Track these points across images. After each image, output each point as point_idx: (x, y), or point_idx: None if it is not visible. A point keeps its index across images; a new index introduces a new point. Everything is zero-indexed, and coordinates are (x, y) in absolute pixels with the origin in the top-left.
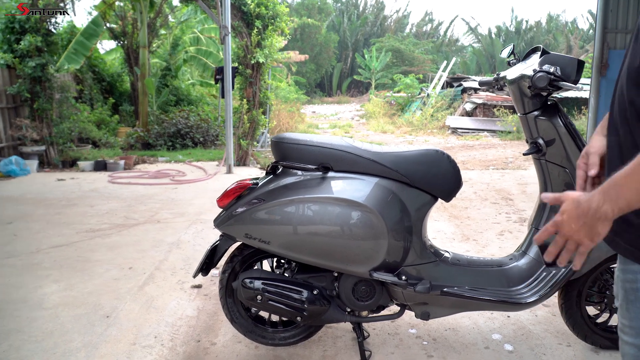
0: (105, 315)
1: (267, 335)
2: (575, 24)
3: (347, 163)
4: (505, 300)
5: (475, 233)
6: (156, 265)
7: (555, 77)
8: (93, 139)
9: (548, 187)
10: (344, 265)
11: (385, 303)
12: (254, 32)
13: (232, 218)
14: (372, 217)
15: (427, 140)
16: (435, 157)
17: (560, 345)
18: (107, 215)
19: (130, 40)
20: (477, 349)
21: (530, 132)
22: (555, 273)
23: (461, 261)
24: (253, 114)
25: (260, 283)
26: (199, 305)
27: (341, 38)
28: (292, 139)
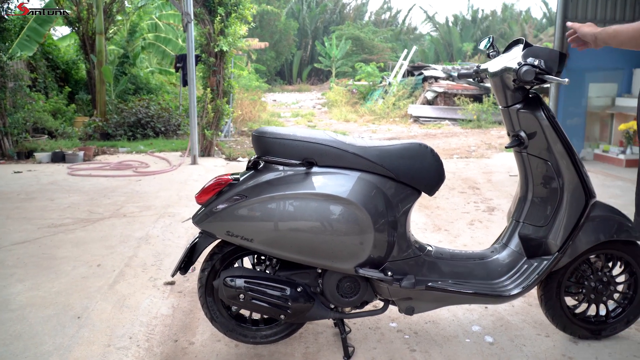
0: (76, 316)
1: (249, 333)
2: (529, 13)
3: (331, 158)
4: (489, 293)
5: (446, 223)
6: (126, 262)
7: (541, 71)
8: (49, 129)
9: (529, 180)
10: (329, 262)
11: (369, 299)
12: (217, 19)
13: (213, 215)
14: (357, 213)
15: (390, 129)
16: (419, 150)
17: (539, 336)
18: (69, 210)
19: (85, 26)
20: (459, 341)
21: (512, 125)
22: (537, 265)
23: (444, 255)
24: (217, 103)
25: (243, 281)
26: (173, 302)
27: (301, 25)
28: (274, 133)
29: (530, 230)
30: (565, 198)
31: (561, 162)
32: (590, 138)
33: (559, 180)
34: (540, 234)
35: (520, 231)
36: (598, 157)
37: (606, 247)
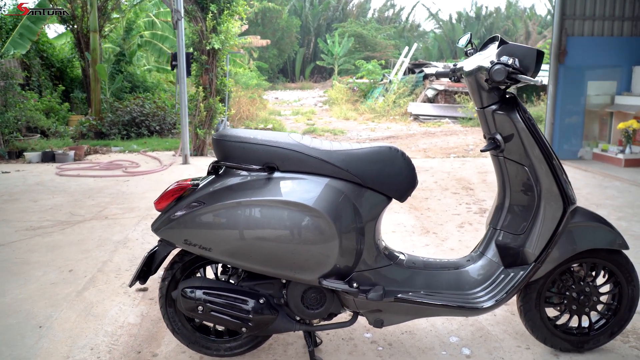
0: (38, 325)
1: (212, 346)
2: (533, 10)
3: (293, 162)
4: (462, 305)
5: (435, 225)
6: (99, 267)
7: (514, 70)
8: (42, 128)
9: (506, 186)
10: (291, 273)
11: (336, 311)
12: (209, 16)
13: (171, 222)
14: (320, 221)
15: (389, 127)
16: (389, 155)
17: (519, 348)
18: (50, 211)
19: (80, 24)
20: (434, 353)
21: (488, 128)
22: (513, 276)
23: (416, 264)
24: (210, 101)
25: (202, 292)
26: (143, 310)
27: (303, 23)
28: (234, 136)
29: (507, 238)
30: (543, 205)
31: (538, 167)
32: (589, 137)
33: (536, 186)
34: (518, 243)
35: (497, 239)
36: (597, 157)
37: (588, 256)
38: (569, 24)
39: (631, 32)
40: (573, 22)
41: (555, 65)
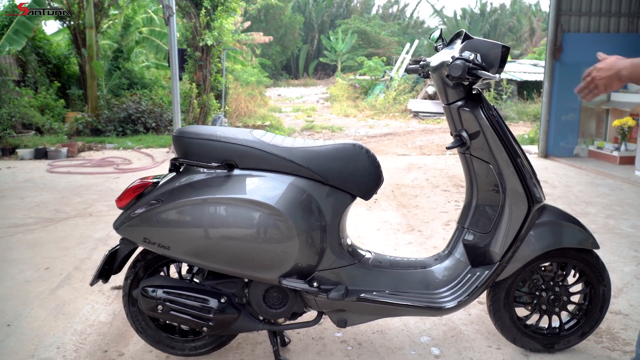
0: (7, 324)
1: (176, 345)
2: (538, 6)
3: (252, 160)
4: (426, 305)
5: (421, 223)
6: (76, 265)
7: (475, 66)
8: (37, 125)
9: (474, 184)
10: (250, 272)
11: (299, 310)
12: (203, 12)
13: (131, 220)
14: (277, 219)
15: (388, 124)
16: (352, 152)
17: (489, 348)
18: (36, 209)
19: (76, 20)
20: (403, 353)
21: (454, 124)
22: (478, 275)
23: (383, 263)
24: (204, 98)
25: (162, 292)
26: (115, 309)
27: (307, 19)
28: (193, 133)
29: (474, 237)
30: (508, 204)
31: (503, 166)
32: (585, 134)
33: (502, 185)
34: (484, 242)
35: (464, 238)
36: (592, 154)
37: (559, 256)
38: (564, 20)
39: (627, 29)
40: (569, 18)
41: (550, 61)
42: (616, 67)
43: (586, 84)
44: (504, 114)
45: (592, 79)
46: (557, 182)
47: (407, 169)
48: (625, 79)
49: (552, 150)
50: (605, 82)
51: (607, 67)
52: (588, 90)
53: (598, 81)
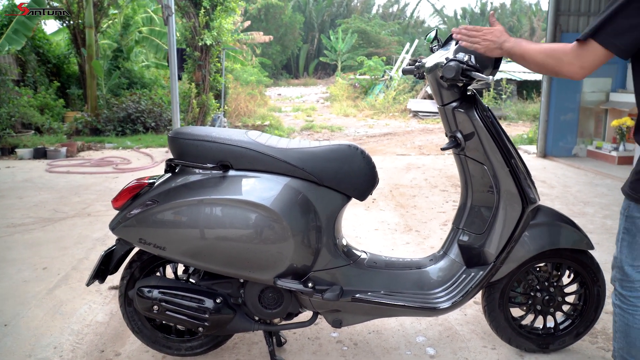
0: (4, 324)
1: (173, 345)
2: (538, 5)
3: (247, 161)
4: (420, 306)
5: (419, 223)
6: (74, 265)
7: (468, 67)
8: (36, 125)
9: (468, 185)
10: (245, 272)
11: (294, 310)
12: (202, 12)
13: (127, 221)
14: (272, 220)
15: (388, 124)
16: (348, 153)
17: (485, 348)
18: (34, 209)
19: (76, 20)
20: (399, 353)
21: (449, 125)
22: (473, 276)
23: (378, 263)
24: (203, 98)
25: (158, 292)
26: (112, 309)
27: (307, 19)
28: (188, 134)
29: (469, 238)
30: (502, 205)
31: (497, 167)
32: (584, 134)
33: (496, 186)
34: (479, 243)
35: (459, 239)
36: (591, 154)
37: (553, 256)
38: (563, 20)
39: None
40: (567, 18)
41: None
42: (503, 39)
43: (472, 34)
44: (504, 114)
45: (481, 35)
46: (555, 182)
47: (406, 168)
48: (504, 52)
49: (551, 150)
50: (488, 44)
51: (497, 35)
52: (470, 38)
53: (483, 41)
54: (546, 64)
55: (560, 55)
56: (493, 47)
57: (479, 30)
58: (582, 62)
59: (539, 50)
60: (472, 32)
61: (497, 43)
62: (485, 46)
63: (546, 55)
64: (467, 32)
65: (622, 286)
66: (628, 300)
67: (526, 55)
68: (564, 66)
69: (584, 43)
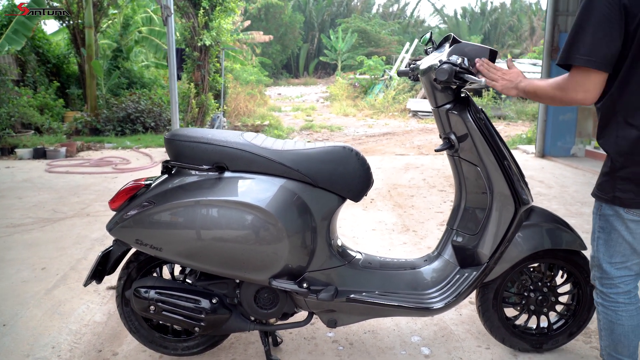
0: (2, 324)
1: (169, 345)
2: (538, 5)
3: (243, 162)
4: (414, 306)
5: (416, 223)
6: (72, 265)
7: (461, 70)
8: (36, 125)
9: (462, 186)
10: (241, 273)
11: (290, 311)
12: (201, 12)
13: (123, 222)
14: (268, 221)
15: (387, 124)
16: (342, 154)
17: (479, 348)
18: (34, 209)
19: (76, 20)
20: (394, 353)
21: (443, 127)
22: (467, 276)
23: (373, 264)
24: (202, 98)
25: (154, 292)
26: (110, 309)
27: (307, 18)
28: (184, 135)
29: (463, 238)
30: (495, 206)
31: (490, 168)
32: (583, 134)
33: (489, 187)
34: (472, 243)
35: (453, 240)
36: (589, 154)
37: (546, 257)
38: (561, 20)
39: None
40: (566, 18)
41: (547, 61)
42: (518, 79)
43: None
44: (503, 114)
45: (500, 75)
46: (553, 182)
47: (405, 168)
48: (520, 92)
49: (549, 150)
50: (505, 84)
51: (513, 77)
52: (489, 77)
53: (500, 81)
54: (556, 97)
55: (564, 87)
56: (510, 86)
57: (499, 69)
58: (583, 88)
59: (548, 85)
60: (493, 70)
61: (514, 83)
62: (503, 85)
63: (553, 89)
64: (489, 68)
65: (603, 284)
66: (610, 297)
67: (538, 92)
68: (571, 96)
69: (572, 71)
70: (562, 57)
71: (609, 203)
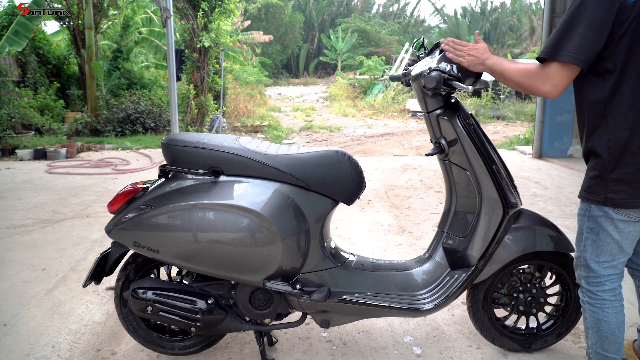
0: (3, 324)
1: (167, 344)
2: (539, 4)
3: (238, 166)
4: (405, 307)
5: (412, 225)
6: (72, 266)
7: (450, 77)
8: (36, 126)
9: (453, 189)
10: (236, 275)
11: (284, 311)
12: (200, 14)
13: (122, 224)
14: (262, 224)
15: (386, 124)
16: (335, 158)
17: (470, 348)
18: (34, 210)
19: (76, 20)
20: (386, 353)
21: (434, 132)
22: (457, 277)
23: (365, 265)
24: (201, 99)
25: (151, 293)
26: (109, 309)
27: (307, 18)
28: (181, 140)
29: (453, 241)
30: (484, 209)
31: (479, 172)
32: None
33: (478, 190)
34: (462, 245)
35: (444, 242)
36: None
37: (535, 258)
38: (558, 22)
39: None
40: None
41: None
42: (486, 56)
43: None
44: (502, 114)
45: (466, 49)
46: (549, 183)
47: (402, 169)
48: (485, 68)
49: (547, 151)
50: (472, 60)
51: (480, 51)
52: (455, 51)
53: (467, 56)
54: (522, 83)
55: (533, 75)
56: (476, 62)
57: (465, 45)
58: (553, 81)
59: (517, 69)
60: (459, 46)
61: (480, 59)
62: (469, 61)
63: (522, 75)
64: (454, 45)
65: (589, 282)
66: (596, 295)
67: (505, 73)
68: (538, 85)
69: (549, 63)
70: (547, 52)
71: (601, 204)
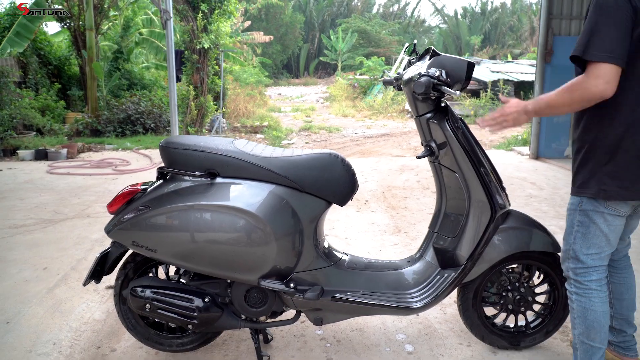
0: (6, 321)
1: (165, 341)
2: (539, 5)
3: (233, 169)
4: (396, 305)
5: (408, 225)
6: (73, 265)
7: (439, 82)
8: (37, 126)
9: (443, 191)
10: (232, 273)
11: (278, 309)
12: (200, 15)
13: (121, 224)
14: (257, 225)
15: (386, 125)
16: (328, 161)
17: (460, 345)
18: (35, 210)
19: (77, 22)
20: (378, 350)
21: (424, 135)
22: (446, 276)
23: (358, 265)
24: (201, 100)
25: (150, 291)
26: (109, 307)
27: (307, 18)
28: (178, 143)
29: (443, 241)
30: (472, 210)
31: (468, 175)
32: None
33: (467, 192)
34: (452, 245)
35: (434, 242)
36: None
37: (523, 258)
38: (555, 23)
39: None
40: (560, 21)
41: (541, 65)
42: (522, 104)
43: (497, 119)
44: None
45: (503, 115)
46: (545, 184)
47: (400, 170)
48: (530, 113)
49: (543, 151)
50: (514, 116)
51: (515, 105)
52: (498, 124)
53: (508, 116)
54: (574, 99)
55: (581, 84)
56: (519, 116)
57: (499, 112)
58: (605, 79)
59: (560, 92)
60: (496, 117)
61: (520, 112)
62: (513, 119)
63: (569, 92)
64: (493, 120)
65: (577, 273)
66: (584, 284)
67: (551, 102)
68: (591, 90)
69: (594, 65)
70: (580, 50)
71: (593, 197)
